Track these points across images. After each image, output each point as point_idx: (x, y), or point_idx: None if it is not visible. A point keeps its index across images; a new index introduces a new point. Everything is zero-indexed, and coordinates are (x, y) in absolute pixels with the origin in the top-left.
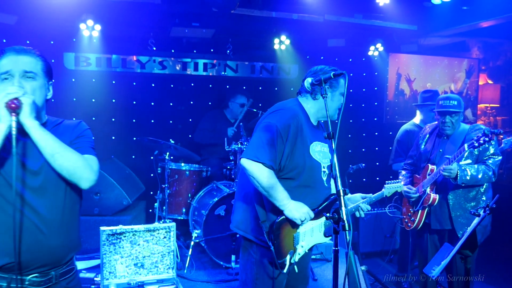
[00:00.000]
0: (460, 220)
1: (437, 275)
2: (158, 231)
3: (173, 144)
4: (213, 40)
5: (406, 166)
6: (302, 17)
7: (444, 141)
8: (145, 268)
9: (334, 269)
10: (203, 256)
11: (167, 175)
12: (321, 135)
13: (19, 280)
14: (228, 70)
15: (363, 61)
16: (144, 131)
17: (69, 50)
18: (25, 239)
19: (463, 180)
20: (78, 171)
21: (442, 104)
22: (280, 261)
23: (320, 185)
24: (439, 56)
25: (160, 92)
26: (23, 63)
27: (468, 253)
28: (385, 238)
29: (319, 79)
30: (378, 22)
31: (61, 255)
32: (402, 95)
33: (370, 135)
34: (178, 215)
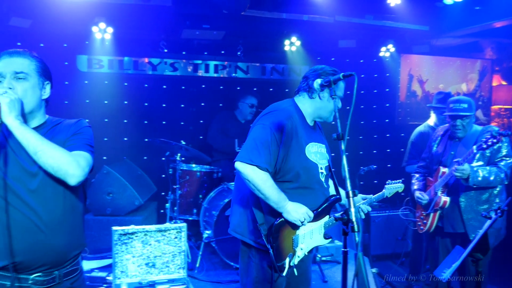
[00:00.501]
0: (472, 223)
1: (447, 278)
2: (169, 231)
3: (184, 145)
4: (223, 42)
5: (419, 169)
6: (312, 18)
7: (456, 143)
8: (156, 268)
9: (343, 270)
10: (214, 257)
11: (178, 176)
12: (317, 136)
13: (21, 279)
14: (238, 72)
15: (374, 62)
16: (156, 132)
17: (82, 52)
18: (26, 239)
19: (474, 181)
20: (63, 167)
21: (452, 108)
22: (279, 264)
23: (319, 186)
24: (451, 57)
25: (171, 93)
26: (14, 64)
27: (480, 256)
28: (396, 240)
29: (329, 80)
30: (390, 22)
31: (63, 254)
32: (414, 96)
33: (382, 136)
34: (189, 215)
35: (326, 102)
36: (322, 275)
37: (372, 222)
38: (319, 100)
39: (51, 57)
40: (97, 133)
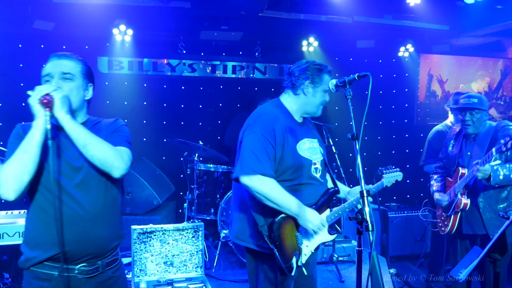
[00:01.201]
0: (493, 222)
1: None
2: (187, 230)
3: (202, 146)
4: (241, 43)
5: (437, 169)
6: (330, 18)
7: (471, 143)
8: (174, 267)
9: (358, 269)
10: (231, 256)
11: (196, 176)
12: (308, 131)
13: (68, 269)
14: (256, 73)
15: (393, 62)
16: (174, 133)
17: (102, 54)
18: (72, 231)
19: (496, 180)
20: (109, 160)
21: (463, 102)
22: (287, 265)
23: (315, 182)
24: (472, 57)
25: (189, 94)
26: (62, 65)
27: (497, 256)
28: (415, 241)
29: (344, 81)
30: (409, 22)
31: (105, 245)
32: (433, 96)
33: (401, 137)
34: (206, 215)
35: (311, 97)
36: (339, 275)
37: (391, 223)
38: (303, 96)
39: None
40: None
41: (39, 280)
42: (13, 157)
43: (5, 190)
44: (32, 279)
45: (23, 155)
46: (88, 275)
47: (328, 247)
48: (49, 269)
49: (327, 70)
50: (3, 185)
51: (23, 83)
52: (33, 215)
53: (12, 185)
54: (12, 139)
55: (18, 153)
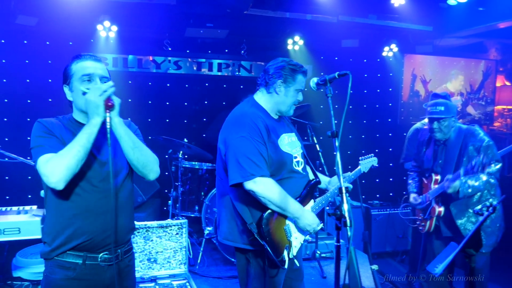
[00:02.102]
0: (467, 226)
1: (440, 272)
2: (170, 227)
3: (186, 143)
4: (227, 41)
5: (413, 168)
6: (316, 17)
7: (442, 149)
8: (158, 263)
9: (336, 264)
10: (215, 253)
11: (181, 173)
12: (285, 127)
13: (92, 257)
14: (242, 71)
15: (377, 62)
16: (159, 130)
17: (87, 50)
18: (99, 221)
19: (464, 193)
20: (150, 164)
21: (429, 111)
22: (279, 258)
23: (297, 175)
24: (455, 57)
25: (175, 91)
26: (100, 69)
27: (472, 252)
28: (397, 238)
29: (325, 79)
30: (393, 22)
31: (126, 234)
32: (417, 96)
33: (384, 136)
34: (191, 212)
35: (283, 96)
36: (321, 271)
37: (373, 220)
38: (276, 95)
39: (57, 55)
40: None
41: (63, 269)
42: (68, 150)
43: (58, 179)
44: (56, 268)
45: (79, 149)
46: (110, 263)
47: (311, 243)
48: (73, 258)
49: (302, 70)
50: (56, 175)
51: (5, 79)
52: (58, 206)
53: (64, 175)
54: (41, 133)
55: (74, 147)
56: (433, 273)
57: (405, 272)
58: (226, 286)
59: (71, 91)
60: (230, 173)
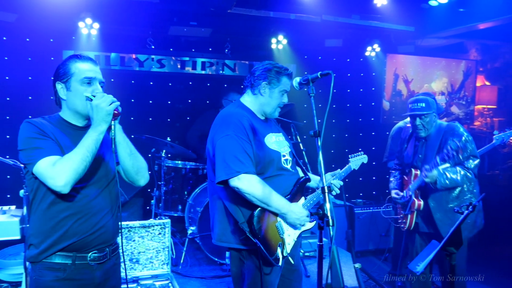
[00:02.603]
0: (444, 221)
1: (421, 270)
2: (153, 227)
3: (169, 142)
4: (211, 39)
5: (396, 166)
6: (299, 17)
7: (423, 145)
8: (140, 264)
9: (319, 263)
10: (198, 253)
11: (164, 172)
12: (272, 127)
13: (81, 257)
14: (226, 69)
15: (360, 62)
16: (142, 129)
17: (68, 48)
18: (94, 221)
19: (442, 184)
20: (143, 170)
21: (411, 108)
22: (273, 257)
23: (286, 172)
24: (436, 57)
25: (158, 90)
26: (99, 73)
27: (453, 250)
28: (380, 237)
29: (307, 78)
30: (376, 23)
31: (114, 234)
32: (399, 95)
33: (367, 135)
34: (174, 212)
35: (268, 98)
36: (305, 270)
37: (357, 219)
38: (261, 97)
39: (37, 52)
40: None
41: (52, 270)
42: (77, 154)
43: (65, 183)
44: (45, 270)
45: (88, 154)
46: (99, 262)
47: None
48: (62, 258)
49: (287, 72)
50: (64, 178)
51: None
52: (49, 208)
53: (72, 179)
54: (35, 134)
55: (82, 152)
56: (415, 271)
57: (388, 270)
58: (210, 286)
59: (69, 90)
60: (217, 171)
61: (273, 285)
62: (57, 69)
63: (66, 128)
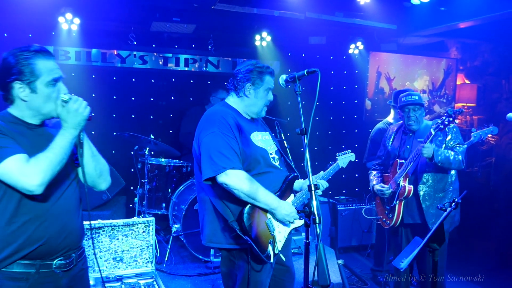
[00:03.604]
0: (431, 211)
1: (405, 267)
2: (137, 225)
3: (153, 140)
4: (194, 36)
5: (376, 166)
6: (283, 14)
7: (410, 137)
8: (124, 262)
9: (305, 261)
10: (183, 251)
11: (147, 170)
12: (258, 126)
13: (45, 265)
14: (209, 66)
15: (344, 59)
16: (124, 126)
17: (48, 43)
18: (57, 224)
19: (438, 158)
20: (105, 173)
21: (405, 100)
22: (264, 254)
23: (275, 169)
24: (418, 56)
25: (140, 87)
26: (59, 69)
27: (436, 246)
28: (363, 233)
29: (293, 76)
30: (359, 20)
31: (79, 238)
32: (381, 93)
33: (350, 132)
34: (158, 210)
35: (254, 98)
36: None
37: (340, 215)
38: (246, 98)
39: None
40: None
41: (13, 280)
42: (54, 154)
43: (41, 182)
44: (5, 280)
45: (64, 156)
46: (65, 269)
47: None
48: (25, 267)
49: (269, 71)
50: (39, 178)
51: None
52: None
53: (48, 179)
54: None
55: (59, 152)
56: (399, 267)
57: (370, 266)
58: (194, 283)
59: (34, 93)
60: (203, 169)
61: (264, 284)
62: (14, 66)
63: (21, 127)
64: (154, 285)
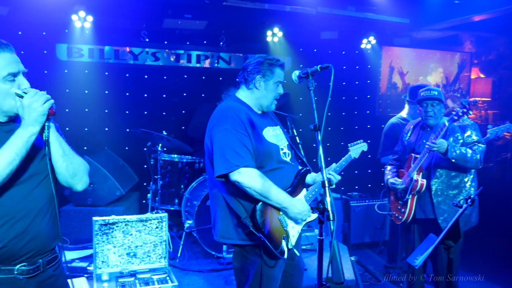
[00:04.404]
0: (442, 206)
1: (420, 264)
2: (150, 221)
3: (165, 136)
4: (206, 32)
5: (392, 161)
6: (295, 9)
7: (427, 132)
8: (138, 258)
9: (319, 258)
10: (195, 246)
11: (160, 166)
12: (269, 120)
13: (6, 270)
14: (221, 62)
15: (356, 54)
16: (137, 122)
17: (61, 41)
18: (21, 226)
19: (453, 155)
20: (80, 173)
21: (424, 95)
22: (278, 250)
23: (286, 165)
24: (431, 50)
25: (153, 83)
26: (20, 62)
27: (451, 243)
28: (375, 229)
29: (307, 72)
30: (371, 15)
31: (50, 242)
32: (394, 88)
33: (363, 127)
34: (170, 205)
35: (264, 91)
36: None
37: (352, 212)
38: (256, 90)
39: (30, 46)
40: (77, 123)
41: None
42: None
43: None
44: None
45: (15, 157)
46: (29, 275)
47: None
48: None
49: (279, 64)
50: None
51: None
52: None
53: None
54: None
55: (10, 154)
56: (413, 264)
57: (383, 263)
58: (207, 279)
59: None
60: (215, 165)
61: (276, 280)
62: None
63: None
64: (167, 280)
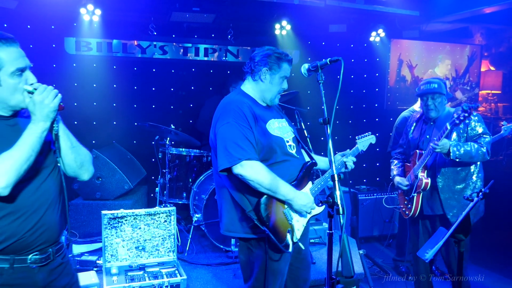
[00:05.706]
0: (450, 202)
1: (430, 258)
2: (158, 215)
3: (173, 130)
4: (214, 25)
5: (397, 155)
6: (303, 2)
7: (431, 126)
8: (146, 251)
9: (329, 252)
10: (204, 240)
11: (168, 160)
12: (274, 113)
13: (19, 260)
14: (229, 56)
15: (364, 47)
16: (145, 116)
17: (70, 34)
18: (34, 219)
19: (456, 154)
20: (86, 164)
21: (423, 89)
22: (283, 244)
23: (292, 158)
24: (441, 42)
25: (161, 77)
26: (26, 57)
27: (462, 237)
28: (384, 223)
29: (316, 65)
30: (380, 7)
31: (58, 232)
32: (403, 81)
33: (371, 121)
34: (179, 199)
35: (268, 84)
36: (310, 257)
37: (361, 205)
38: (261, 83)
39: (38, 39)
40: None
41: None
42: (19, 153)
43: (7, 184)
44: None
45: (32, 153)
46: (41, 264)
47: None
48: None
49: (287, 58)
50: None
51: None
52: None
53: (14, 180)
54: None
55: (26, 150)
56: (424, 258)
57: (392, 256)
58: (215, 273)
59: None
60: (219, 159)
61: (282, 273)
62: None
63: None
64: (176, 274)
